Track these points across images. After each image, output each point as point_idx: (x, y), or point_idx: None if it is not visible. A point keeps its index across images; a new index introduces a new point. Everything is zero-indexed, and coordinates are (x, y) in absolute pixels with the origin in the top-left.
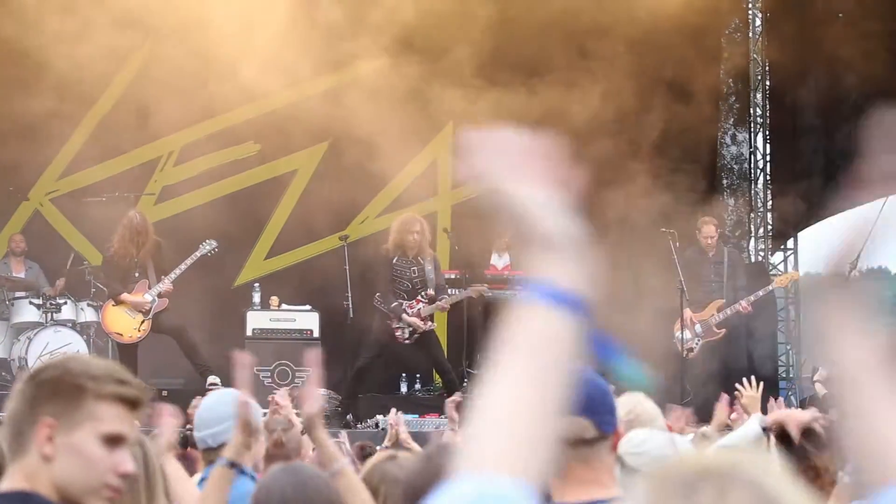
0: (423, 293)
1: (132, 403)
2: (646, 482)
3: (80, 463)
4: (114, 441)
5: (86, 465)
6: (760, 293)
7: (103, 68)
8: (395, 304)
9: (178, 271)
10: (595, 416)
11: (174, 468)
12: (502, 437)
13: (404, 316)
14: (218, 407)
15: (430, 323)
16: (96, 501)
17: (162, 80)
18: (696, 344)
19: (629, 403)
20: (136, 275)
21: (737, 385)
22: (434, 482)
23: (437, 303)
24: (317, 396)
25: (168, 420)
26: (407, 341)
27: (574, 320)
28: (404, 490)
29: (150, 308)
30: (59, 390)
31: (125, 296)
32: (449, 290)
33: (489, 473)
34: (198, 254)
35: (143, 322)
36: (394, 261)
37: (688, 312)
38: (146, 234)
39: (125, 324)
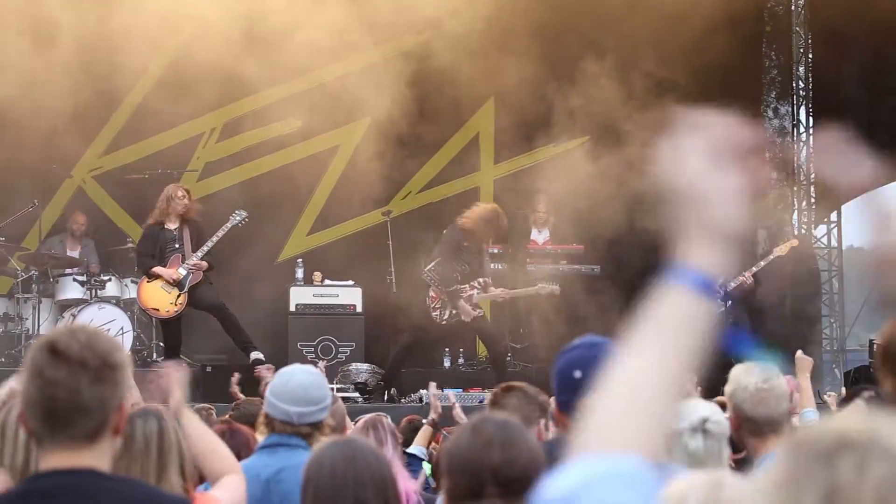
0: (478, 280)
1: None
2: (783, 449)
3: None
4: None
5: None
6: (762, 263)
7: (146, 45)
8: (454, 287)
9: (210, 244)
10: None
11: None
12: (630, 414)
13: (460, 302)
14: (313, 389)
15: (479, 310)
16: None
17: (204, 56)
18: None
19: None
20: (178, 246)
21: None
22: (481, 453)
23: (496, 291)
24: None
25: (178, 378)
26: (444, 322)
27: (710, 307)
28: (449, 461)
29: (184, 282)
30: (126, 369)
31: (158, 269)
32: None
33: (616, 451)
34: (228, 225)
35: (178, 296)
36: (463, 243)
37: None
38: (178, 201)
39: (161, 299)
